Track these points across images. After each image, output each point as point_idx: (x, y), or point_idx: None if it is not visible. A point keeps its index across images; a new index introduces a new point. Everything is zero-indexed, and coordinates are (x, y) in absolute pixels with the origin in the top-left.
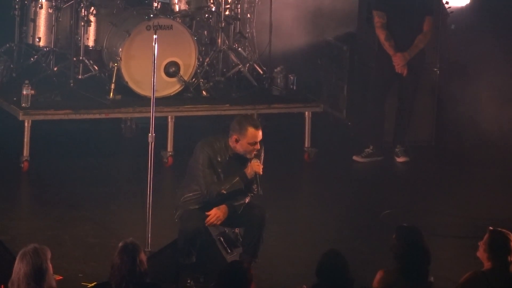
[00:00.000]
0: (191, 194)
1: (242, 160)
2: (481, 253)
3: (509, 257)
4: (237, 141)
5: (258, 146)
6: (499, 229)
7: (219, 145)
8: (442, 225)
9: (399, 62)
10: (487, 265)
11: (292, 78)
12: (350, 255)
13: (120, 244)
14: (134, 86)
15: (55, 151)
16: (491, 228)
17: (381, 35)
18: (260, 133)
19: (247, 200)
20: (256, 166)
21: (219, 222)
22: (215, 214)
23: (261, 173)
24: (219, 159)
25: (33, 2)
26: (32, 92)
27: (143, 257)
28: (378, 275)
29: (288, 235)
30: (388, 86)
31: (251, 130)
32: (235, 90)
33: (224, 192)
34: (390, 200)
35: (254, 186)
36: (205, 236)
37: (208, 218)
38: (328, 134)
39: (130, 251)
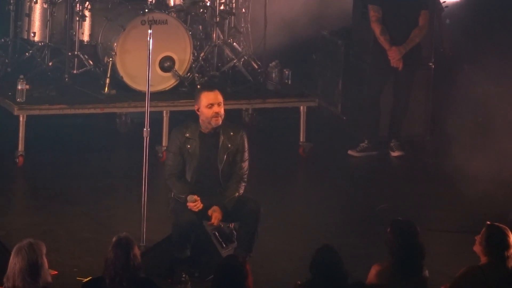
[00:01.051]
0: None
1: (211, 139)
2: (478, 248)
3: (506, 252)
4: (199, 110)
5: (218, 109)
6: (496, 224)
7: (191, 124)
8: (437, 220)
9: (394, 56)
10: (483, 259)
11: (287, 72)
12: (345, 249)
13: (114, 239)
14: (129, 81)
15: (50, 146)
16: (488, 222)
17: (377, 29)
18: (215, 94)
19: (237, 194)
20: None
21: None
22: (216, 217)
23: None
24: (188, 135)
25: None
26: (27, 87)
27: (136, 251)
28: (373, 270)
29: (282, 230)
30: (383, 80)
31: (203, 93)
32: (230, 85)
33: (172, 195)
34: (385, 194)
35: (243, 171)
36: (200, 231)
37: (212, 221)
38: (323, 129)
39: (124, 245)
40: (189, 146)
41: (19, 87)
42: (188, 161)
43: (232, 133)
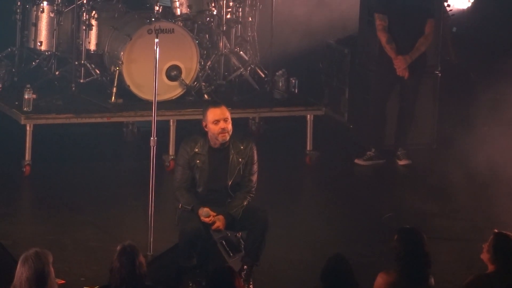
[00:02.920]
0: None
1: (221, 154)
2: (485, 256)
3: None
4: (206, 127)
5: (224, 125)
6: (504, 232)
7: (200, 139)
8: (444, 228)
9: (400, 65)
10: (491, 267)
11: (293, 81)
12: (352, 258)
13: (118, 248)
14: (135, 90)
15: (56, 155)
16: (496, 230)
17: (383, 38)
18: (222, 110)
19: (245, 203)
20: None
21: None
22: (218, 225)
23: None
24: (197, 150)
25: (35, 6)
26: (34, 96)
27: (142, 259)
28: (379, 278)
29: (289, 238)
30: (389, 89)
31: (210, 109)
32: (236, 94)
33: (180, 206)
34: (392, 203)
35: (252, 184)
36: (207, 239)
37: (213, 226)
38: (329, 137)
39: (129, 253)
40: (198, 161)
41: (26, 97)
42: (198, 175)
43: (242, 147)
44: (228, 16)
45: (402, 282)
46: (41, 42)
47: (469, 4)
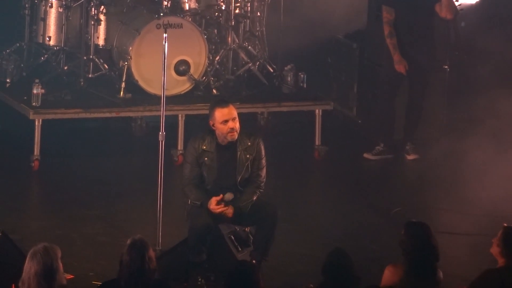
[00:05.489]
0: None
1: (228, 151)
2: (495, 250)
3: None
4: (214, 126)
5: (232, 125)
6: None
7: (207, 136)
8: (453, 223)
9: (398, 62)
10: (501, 262)
11: (302, 76)
12: (360, 253)
13: (129, 241)
14: (144, 85)
15: (65, 150)
16: (505, 224)
17: (385, 31)
18: (229, 110)
19: (254, 198)
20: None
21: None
22: (230, 212)
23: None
24: (205, 148)
25: (43, 1)
26: (42, 91)
27: (151, 253)
28: (387, 270)
29: (297, 233)
30: (398, 83)
31: (217, 109)
32: (245, 89)
33: (189, 201)
34: (400, 197)
35: (261, 179)
36: (216, 235)
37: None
38: (338, 132)
39: (139, 247)
40: (206, 158)
41: (35, 91)
42: (206, 172)
43: (249, 143)
44: (237, 11)
45: (409, 275)
46: (49, 37)
47: None
